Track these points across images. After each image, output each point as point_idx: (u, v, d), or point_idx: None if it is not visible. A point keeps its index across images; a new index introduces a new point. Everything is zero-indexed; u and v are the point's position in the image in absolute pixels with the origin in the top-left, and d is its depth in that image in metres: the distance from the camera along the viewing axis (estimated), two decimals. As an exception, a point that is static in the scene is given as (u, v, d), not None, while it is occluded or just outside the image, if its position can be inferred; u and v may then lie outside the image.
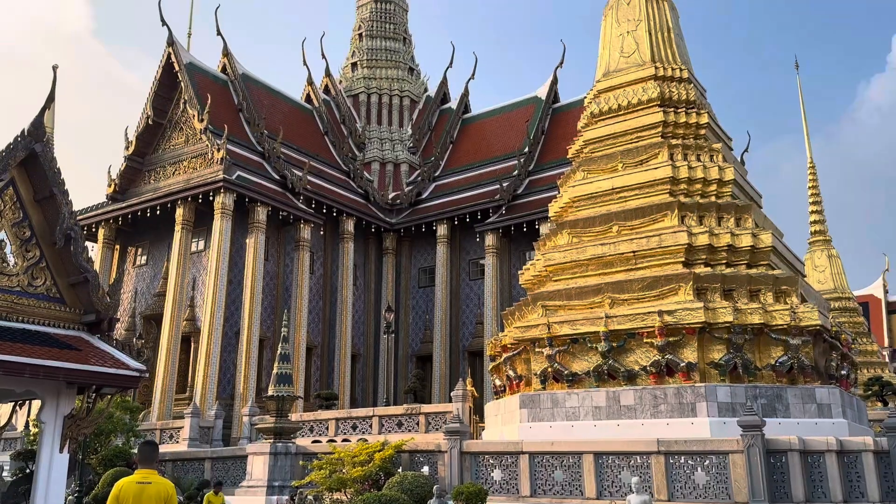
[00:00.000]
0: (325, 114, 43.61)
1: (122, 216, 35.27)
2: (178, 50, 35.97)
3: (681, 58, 20.74)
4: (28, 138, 11.50)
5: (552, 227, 19.72)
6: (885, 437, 13.24)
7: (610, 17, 21.77)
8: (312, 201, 35.78)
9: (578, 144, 20.71)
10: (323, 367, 36.25)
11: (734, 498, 12.41)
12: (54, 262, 11.67)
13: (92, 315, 11.82)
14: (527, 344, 17.44)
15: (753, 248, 16.92)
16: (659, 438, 13.52)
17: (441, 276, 37.41)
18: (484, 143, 42.70)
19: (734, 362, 15.43)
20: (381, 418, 24.24)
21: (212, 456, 20.75)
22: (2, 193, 11.32)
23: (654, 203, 17.82)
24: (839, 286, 36.19)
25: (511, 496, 14.33)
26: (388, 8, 48.29)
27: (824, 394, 15.48)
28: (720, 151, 19.11)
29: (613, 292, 16.88)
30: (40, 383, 11.03)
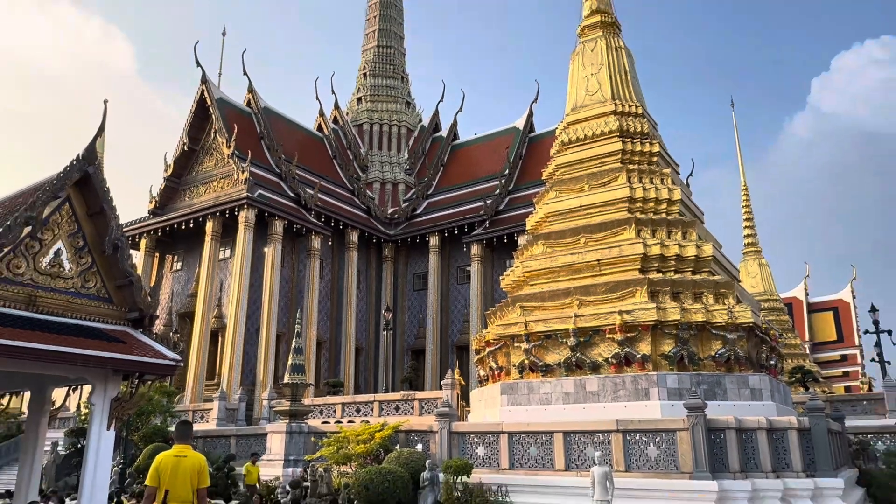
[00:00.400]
0: (334, 141, 43.63)
1: (161, 228, 35.18)
2: (209, 87, 35.96)
3: (636, 96, 20.82)
4: (82, 162, 11.44)
5: (529, 239, 19.68)
6: (807, 416, 13.28)
7: (577, 61, 21.84)
8: (322, 216, 35.72)
9: (551, 168, 20.72)
10: (331, 358, 36.08)
11: (681, 469, 12.35)
12: (104, 268, 11.57)
13: (135, 313, 11.73)
14: (507, 339, 17.36)
15: (697, 257, 16.97)
16: (618, 419, 13.48)
17: (433, 280, 37.36)
18: (470, 167, 42.76)
19: (681, 354, 15.45)
20: (381, 403, 24.13)
21: (236, 434, 20.59)
22: (59, 209, 11.25)
23: (614, 219, 17.83)
24: (768, 289, 36.47)
25: (493, 469, 14.22)
26: (389, 52, 48.41)
27: (756, 380, 15.52)
28: (669, 175, 19.18)
29: (581, 295, 16.85)
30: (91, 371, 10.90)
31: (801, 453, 12.61)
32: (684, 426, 12.45)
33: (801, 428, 12.86)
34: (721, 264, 18.46)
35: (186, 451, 5.87)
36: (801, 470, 12.48)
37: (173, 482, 5.66)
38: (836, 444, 14.47)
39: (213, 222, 32.78)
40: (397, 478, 13.73)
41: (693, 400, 12.88)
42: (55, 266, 10.97)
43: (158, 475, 5.68)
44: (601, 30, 21.75)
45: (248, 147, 34.61)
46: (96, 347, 10.51)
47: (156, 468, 5.73)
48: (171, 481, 5.66)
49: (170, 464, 5.72)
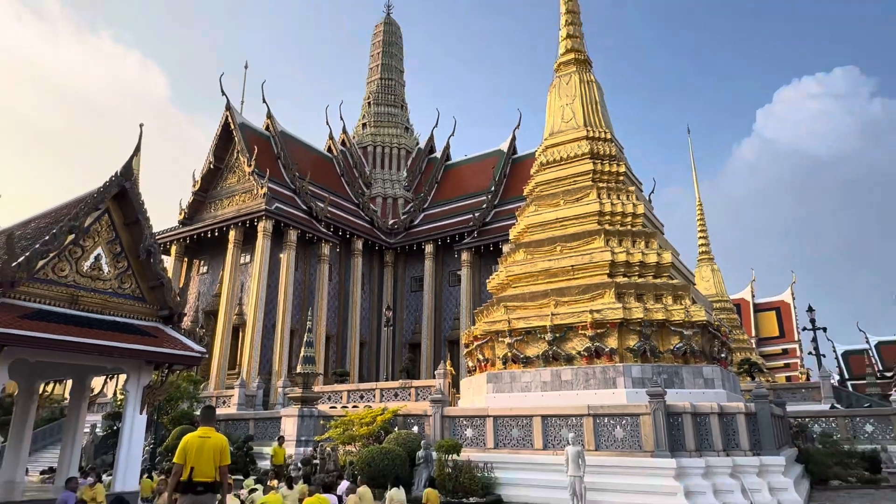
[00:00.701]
0: (342, 161, 43.59)
1: (189, 236, 34.95)
2: (233, 113, 35.90)
3: (605, 123, 20.93)
4: (120, 178, 11.44)
5: (511, 247, 19.71)
6: (753, 402, 13.42)
7: (554, 92, 21.95)
8: (331, 226, 35.63)
9: (531, 185, 20.77)
10: (338, 351, 35.92)
11: (644, 448, 12.40)
12: (138, 271, 11.56)
13: (166, 310, 11.71)
14: (492, 335, 17.35)
15: (658, 263, 17.03)
16: (589, 405, 13.51)
17: (428, 283, 37.30)
18: (461, 184, 42.75)
19: (644, 348, 15.49)
20: (382, 390, 24.07)
21: (254, 417, 20.48)
22: (99, 219, 11.24)
23: (586, 230, 17.87)
24: (719, 292, 36.59)
25: (479, 448, 14.21)
26: (390, 84, 48.46)
27: (709, 371, 15.57)
28: (633, 192, 19.26)
29: (557, 296, 16.88)
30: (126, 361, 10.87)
31: (748, 435, 12.69)
32: (647, 411, 12.50)
33: (748, 412, 12.94)
34: (679, 270, 18.54)
35: (210, 433, 5.85)
36: (749, 449, 12.55)
37: (198, 460, 5.65)
38: (778, 426, 14.56)
39: (235, 231, 32.67)
40: (396, 456, 13.72)
41: (654, 388, 12.95)
42: (95, 269, 10.93)
43: (185, 454, 5.66)
44: (575, 66, 21.89)
45: (266, 166, 34.51)
46: (131, 341, 10.48)
47: (183, 447, 5.71)
48: (196, 459, 5.64)
49: (195, 444, 5.70)
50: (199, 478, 5.60)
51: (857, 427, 18.35)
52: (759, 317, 51.75)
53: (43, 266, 10.19)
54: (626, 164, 20.31)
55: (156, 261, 11.60)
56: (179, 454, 5.68)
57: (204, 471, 5.63)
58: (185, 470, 5.61)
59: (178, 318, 11.78)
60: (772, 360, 45.59)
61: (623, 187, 19.20)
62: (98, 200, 11.07)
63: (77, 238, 10.71)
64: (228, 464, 5.90)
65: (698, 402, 13.13)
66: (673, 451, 12.12)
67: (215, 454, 5.72)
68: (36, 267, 10.05)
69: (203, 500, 5.63)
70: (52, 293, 10.22)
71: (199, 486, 5.60)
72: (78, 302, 10.47)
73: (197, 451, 5.66)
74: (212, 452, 5.70)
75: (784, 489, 11.96)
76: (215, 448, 5.75)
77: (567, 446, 11.89)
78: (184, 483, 5.60)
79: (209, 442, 5.74)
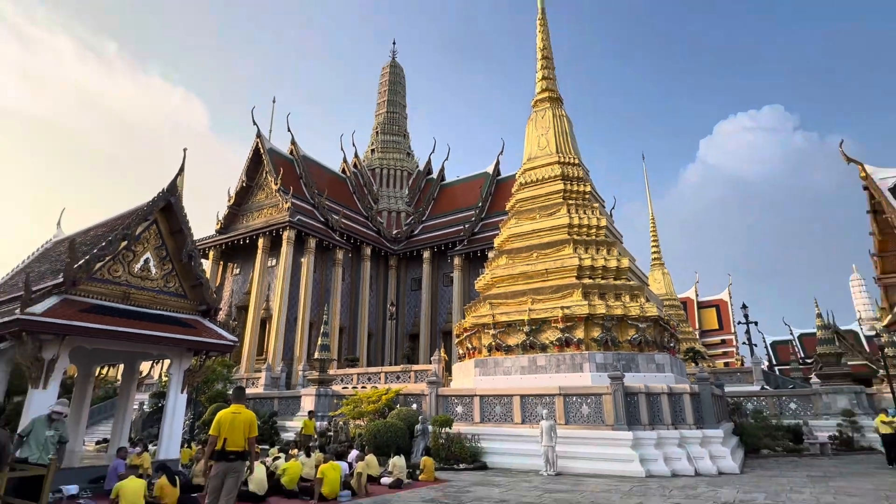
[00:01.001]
0: (353, 180, 43.54)
1: (225, 243, 34.79)
2: (262, 140, 35.83)
3: (574, 150, 21.03)
4: (166, 193, 11.39)
5: (496, 254, 19.74)
6: (697, 384, 13.45)
7: (531, 124, 22.04)
8: (344, 235, 35.55)
9: (512, 202, 20.84)
10: (349, 340, 35.77)
11: (606, 422, 12.40)
12: (181, 272, 11.49)
13: (204, 306, 11.65)
14: (479, 327, 17.35)
15: (617, 268, 17.10)
16: (560, 386, 13.51)
17: (425, 283, 37.25)
18: (454, 200, 42.80)
19: (606, 338, 15.54)
20: (386, 373, 23.99)
21: (279, 396, 20.36)
22: (148, 228, 11.19)
23: (558, 239, 17.93)
24: (669, 291, 36.76)
25: (468, 422, 14.18)
26: (394, 116, 48.53)
27: (660, 358, 15.64)
28: (597, 208, 19.33)
29: (534, 295, 16.92)
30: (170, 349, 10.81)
31: (693, 411, 12.76)
32: (608, 391, 12.53)
33: (692, 392, 13.01)
34: (635, 273, 18.62)
35: (241, 409, 5.83)
36: (693, 423, 12.61)
37: (231, 432, 5.62)
38: (717, 404, 14.63)
39: (263, 239, 32.60)
40: (398, 429, 13.67)
41: (614, 372, 12.99)
42: (144, 270, 10.87)
43: (220, 427, 5.63)
44: (549, 103, 21.99)
45: (290, 184, 34.48)
46: (175, 331, 10.43)
47: (217, 422, 5.68)
48: (229, 431, 5.62)
49: (228, 419, 5.68)
50: (231, 447, 5.59)
51: (783, 405, 18.46)
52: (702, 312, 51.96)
53: (100, 268, 10.13)
54: (592, 185, 20.42)
55: (196, 264, 11.55)
56: (214, 427, 5.66)
57: (235, 441, 5.61)
58: (219, 441, 5.59)
59: (214, 312, 11.72)
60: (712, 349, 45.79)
61: (589, 204, 19.28)
62: (147, 212, 11.03)
63: (129, 244, 10.66)
64: (256, 435, 5.88)
65: (651, 384, 13.17)
66: (630, 424, 12.15)
67: (245, 427, 5.70)
68: (94, 269, 9.99)
69: (234, 466, 5.61)
70: (108, 291, 10.16)
71: (231, 454, 5.58)
72: (129, 298, 10.41)
73: (229, 424, 5.64)
74: (242, 426, 5.69)
75: (722, 457, 12.02)
76: (245, 422, 5.73)
77: (541, 421, 11.92)
78: (218, 452, 5.59)
79: (240, 417, 5.73)
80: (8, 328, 8.76)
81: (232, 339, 11.37)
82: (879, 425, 12.92)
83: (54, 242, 13.94)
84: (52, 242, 14.04)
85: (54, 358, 9.02)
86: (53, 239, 14.16)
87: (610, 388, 12.51)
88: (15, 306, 9.38)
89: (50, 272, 10.84)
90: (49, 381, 8.95)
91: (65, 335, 9.00)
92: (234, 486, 5.59)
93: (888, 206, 10.83)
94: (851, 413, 16.89)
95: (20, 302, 8.94)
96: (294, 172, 37.05)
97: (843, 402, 17.60)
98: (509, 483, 10.40)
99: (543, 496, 8.88)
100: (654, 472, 11.26)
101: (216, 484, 5.52)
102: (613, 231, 19.96)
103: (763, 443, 15.60)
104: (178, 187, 11.56)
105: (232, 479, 5.56)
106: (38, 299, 9.13)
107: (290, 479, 9.23)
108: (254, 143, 36.10)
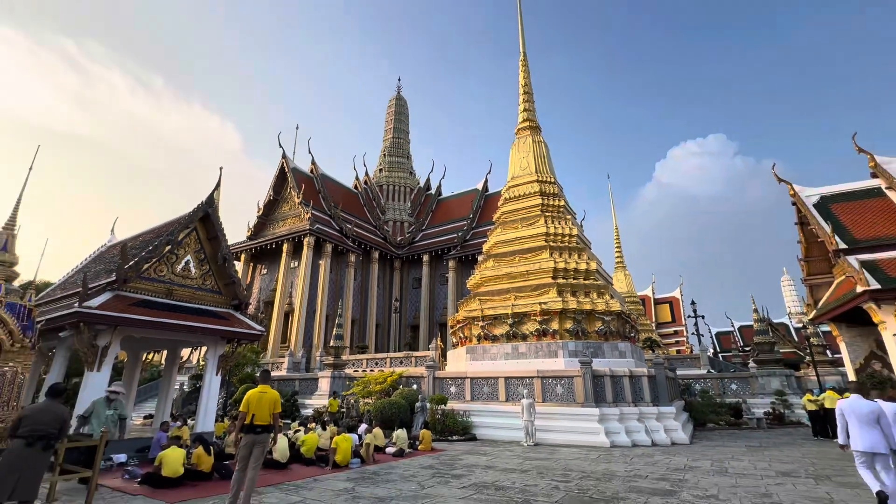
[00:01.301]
0: (364, 195, 43.39)
1: (254, 248, 34.53)
2: (287, 160, 35.67)
3: (550, 171, 21.04)
4: (205, 205, 11.28)
5: (484, 257, 19.68)
6: (654, 368, 13.38)
7: (514, 148, 22.05)
8: (356, 241, 35.35)
9: (498, 214, 20.81)
10: (360, 330, 35.53)
11: (576, 400, 12.35)
12: (217, 272, 11.37)
13: (236, 301, 11.53)
14: (470, 319, 17.28)
15: (587, 270, 17.06)
16: (538, 369, 13.45)
17: (425, 282, 37.08)
18: (449, 212, 42.70)
19: (577, 329, 15.48)
20: (391, 359, 23.83)
21: (300, 378, 20.18)
22: (189, 234, 11.07)
23: (537, 246, 17.90)
24: (630, 290, 36.76)
25: (460, 400, 14.08)
26: (399, 141, 48.46)
27: (623, 346, 15.59)
28: (570, 219, 19.31)
29: (516, 292, 16.86)
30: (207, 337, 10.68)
31: (650, 391, 12.71)
32: (579, 374, 12.50)
33: (649, 375, 12.96)
34: (601, 274, 18.58)
35: (267, 389, 5.75)
36: (650, 401, 12.56)
37: (258, 409, 5.54)
38: (671, 385, 14.60)
39: (287, 245, 32.35)
40: (400, 406, 13.57)
41: (584, 358, 12.96)
42: (185, 271, 10.76)
43: (248, 404, 5.55)
44: (529, 131, 22.02)
45: (310, 197, 34.33)
46: (211, 322, 10.31)
47: (247, 400, 5.60)
48: (256, 408, 5.54)
49: (255, 397, 5.60)
50: (258, 422, 5.50)
51: (726, 386, 18.46)
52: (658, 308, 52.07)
53: (147, 268, 10.03)
54: (565, 199, 20.42)
55: (229, 265, 11.45)
56: (244, 404, 5.57)
57: (262, 416, 5.52)
58: (248, 416, 5.50)
59: (245, 306, 11.61)
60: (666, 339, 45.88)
61: (563, 216, 19.28)
62: (189, 221, 10.93)
63: (173, 248, 10.56)
64: (279, 412, 5.79)
65: (615, 368, 13.13)
66: (597, 402, 12.11)
67: (270, 404, 5.62)
68: (142, 269, 9.89)
69: (260, 438, 5.52)
70: (154, 288, 10.05)
71: (258, 427, 5.50)
72: (172, 294, 10.30)
73: (257, 402, 5.56)
74: (268, 403, 5.60)
75: (675, 430, 11.99)
76: (270, 400, 5.65)
77: (522, 399, 11.86)
78: (246, 426, 5.50)
79: (266, 396, 5.64)
80: (68, 319, 8.64)
81: (260, 329, 11.27)
82: (806, 403, 12.94)
83: (108, 246, 13.79)
84: (106, 246, 13.89)
85: (107, 345, 8.89)
86: (108, 243, 14.01)
87: (580, 371, 12.48)
88: (74, 301, 9.26)
89: (104, 271, 10.71)
90: (103, 365, 8.82)
91: (116, 325, 8.89)
92: (261, 454, 5.50)
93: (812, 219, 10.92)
94: (783, 393, 16.91)
95: (78, 297, 8.82)
96: (314, 188, 36.90)
97: (776, 384, 17.63)
98: (495, 452, 10.32)
99: (524, 463, 8.80)
100: (617, 442, 11.21)
101: (245, 453, 5.43)
102: (583, 239, 19.98)
103: (709, 418, 15.58)
104: (214, 200, 11.47)
105: (259, 449, 5.48)
106: (94, 294, 9.02)
107: (308, 448, 9.11)
108: (280, 163, 35.94)
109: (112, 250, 12.93)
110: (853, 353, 10.19)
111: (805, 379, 18.08)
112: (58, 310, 9.41)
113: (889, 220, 9.88)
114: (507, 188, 21.29)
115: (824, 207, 11.01)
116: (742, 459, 9.07)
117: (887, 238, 9.45)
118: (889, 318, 8.51)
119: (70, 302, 9.62)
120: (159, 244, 10.16)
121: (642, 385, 12.75)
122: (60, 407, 4.89)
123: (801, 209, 11.53)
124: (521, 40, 24.10)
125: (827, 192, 11.44)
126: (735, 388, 18.27)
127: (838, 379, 17.07)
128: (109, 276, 9.64)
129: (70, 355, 10.20)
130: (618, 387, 12.64)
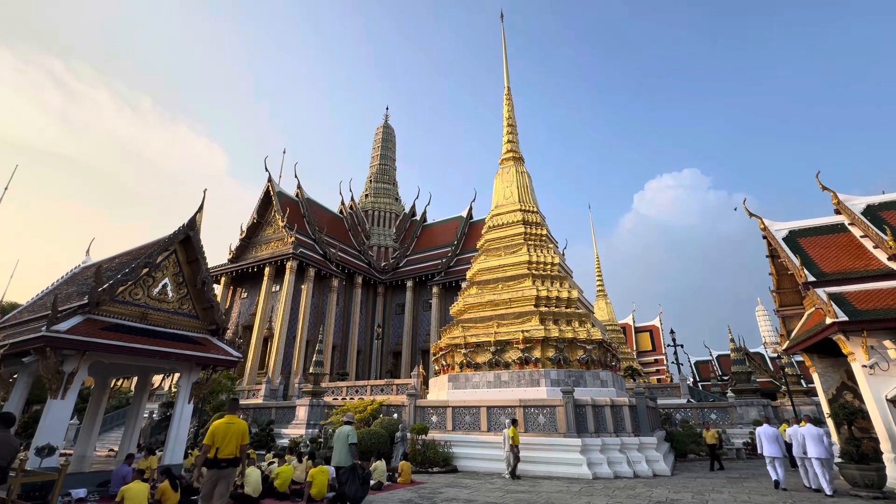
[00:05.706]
0: (349, 220, 43.28)
1: (235, 271, 33.84)
2: (273, 184, 35.54)
3: (533, 200, 21.37)
4: (186, 228, 11.07)
5: (467, 284, 19.63)
6: (634, 397, 13.30)
7: (498, 178, 22.42)
8: (340, 266, 35.00)
9: (482, 241, 20.91)
10: (341, 356, 34.73)
11: (559, 430, 12.17)
12: (195, 296, 11.06)
13: (213, 325, 11.18)
14: (453, 347, 17.07)
15: (569, 298, 17.11)
16: (520, 398, 13.26)
17: (408, 308, 36.69)
18: (433, 238, 42.78)
19: (559, 357, 15.39)
20: (372, 386, 23.23)
21: (276, 406, 19.46)
22: (168, 257, 10.81)
23: (519, 273, 17.95)
24: (611, 318, 36.94)
25: (442, 430, 13.74)
26: (385, 168, 48.94)
27: (604, 375, 15.52)
28: (552, 248, 19.48)
29: (499, 320, 16.77)
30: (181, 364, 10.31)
31: (631, 421, 12.60)
32: (561, 403, 12.35)
33: (631, 405, 12.88)
34: (583, 302, 18.66)
35: (234, 420, 5.50)
36: (631, 431, 12.43)
37: (223, 442, 5.28)
38: (652, 415, 14.52)
39: (269, 268, 31.80)
40: (380, 436, 13.14)
41: (566, 387, 12.82)
42: (162, 294, 10.44)
43: (213, 437, 5.30)
44: (513, 161, 22.46)
45: (294, 221, 34.07)
46: (186, 348, 9.95)
47: (212, 432, 5.34)
48: (221, 441, 5.28)
49: (222, 428, 5.34)
50: (223, 455, 5.23)
51: (706, 415, 18.44)
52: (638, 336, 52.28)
53: (122, 291, 9.70)
54: (547, 229, 20.67)
55: (208, 289, 11.15)
56: (208, 437, 5.30)
57: (228, 450, 5.26)
58: (212, 450, 5.23)
59: (222, 331, 11.25)
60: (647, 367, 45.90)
61: (545, 244, 19.46)
62: (168, 243, 10.68)
63: (150, 271, 10.27)
64: (248, 443, 5.53)
65: (597, 398, 13.02)
66: (579, 432, 11.94)
67: (237, 436, 5.37)
68: (117, 291, 9.55)
69: (225, 472, 5.24)
70: (127, 311, 9.69)
71: (222, 462, 5.23)
72: (147, 318, 9.94)
73: (223, 434, 5.30)
74: (235, 435, 5.35)
75: (656, 461, 11.84)
76: (238, 432, 5.39)
77: (505, 429, 11.60)
78: (210, 460, 5.22)
79: (233, 427, 5.39)
80: (33, 343, 8.23)
81: (237, 354, 10.90)
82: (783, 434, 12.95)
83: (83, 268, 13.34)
84: (80, 268, 13.43)
85: (74, 371, 8.47)
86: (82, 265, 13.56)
87: (562, 400, 12.34)
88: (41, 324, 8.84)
89: (77, 294, 10.31)
90: (67, 393, 8.36)
91: (85, 350, 8.49)
92: (226, 490, 5.21)
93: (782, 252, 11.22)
94: (760, 423, 16.93)
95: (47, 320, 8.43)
96: (299, 212, 36.69)
97: (754, 413, 17.66)
98: (476, 485, 9.99)
99: (505, 496, 8.53)
100: (599, 474, 11.00)
101: (208, 490, 5.14)
102: (565, 267, 20.14)
103: (689, 448, 15.46)
104: (196, 223, 11.27)
105: (223, 485, 5.19)
106: (64, 318, 8.64)
107: (282, 482, 8.69)
108: (265, 187, 35.77)
109: (86, 272, 12.50)
110: (825, 383, 10.33)
111: (782, 409, 18.18)
112: (23, 333, 8.96)
113: (853, 254, 10.23)
114: (490, 216, 21.49)
115: (793, 241, 11.36)
116: (722, 492, 8.95)
117: (853, 272, 9.76)
118: (857, 350, 8.68)
119: (37, 325, 9.17)
120: (136, 266, 9.87)
121: (624, 415, 12.64)
122: (12, 437, 4.58)
123: (771, 242, 11.88)
124: (506, 74, 24.92)
125: (795, 227, 11.84)
126: (714, 417, 18.24)
127: (813, 409, 17.20)
128: (82, 299, 9.28)
129: (33, 381, 9.66)
130: (599, 416, 12.50)
